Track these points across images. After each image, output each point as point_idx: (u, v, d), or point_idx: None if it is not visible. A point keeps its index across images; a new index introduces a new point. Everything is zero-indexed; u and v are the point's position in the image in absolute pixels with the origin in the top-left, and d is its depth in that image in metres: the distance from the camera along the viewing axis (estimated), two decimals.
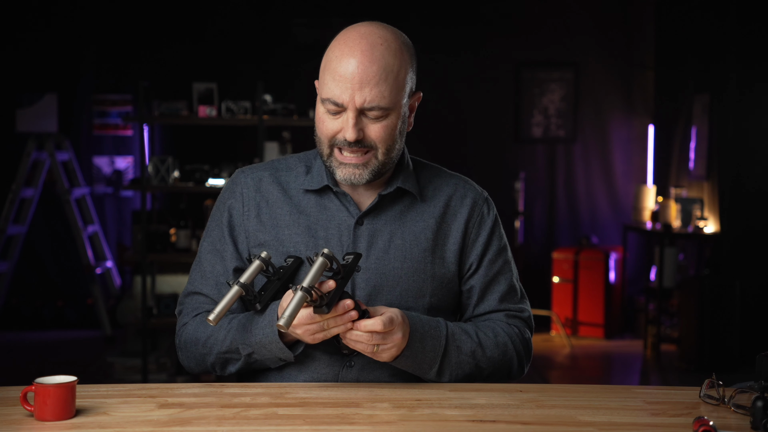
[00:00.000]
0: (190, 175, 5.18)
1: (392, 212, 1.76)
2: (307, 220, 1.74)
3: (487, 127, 6.91)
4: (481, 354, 1.71)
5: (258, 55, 6.69)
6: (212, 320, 1.55)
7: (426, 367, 1.66)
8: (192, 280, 1.80)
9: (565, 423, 1.46)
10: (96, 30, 6.66)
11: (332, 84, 1.64)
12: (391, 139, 1.68)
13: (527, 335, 1.82)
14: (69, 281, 6.76)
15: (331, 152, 1.69)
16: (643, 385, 2.24)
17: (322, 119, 1.69)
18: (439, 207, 1.78)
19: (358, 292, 1.72)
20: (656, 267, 6.01)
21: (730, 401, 1.54)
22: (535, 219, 7.02)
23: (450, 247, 1.77)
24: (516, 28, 6.89)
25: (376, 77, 1.62)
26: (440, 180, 1.81)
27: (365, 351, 1.60)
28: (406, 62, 1.67)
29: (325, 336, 1.59)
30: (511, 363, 1.76)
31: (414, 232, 1.75)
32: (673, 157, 6.58)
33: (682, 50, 6.38)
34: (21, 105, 6.66)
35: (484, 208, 1.82)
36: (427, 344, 1.65)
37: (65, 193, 6.28)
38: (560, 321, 6.41)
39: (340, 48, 1.66)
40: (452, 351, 1.68)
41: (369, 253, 1.72)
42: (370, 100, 1.62)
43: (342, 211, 1.74)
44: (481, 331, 1.74)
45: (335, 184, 1.74)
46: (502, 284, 1.81)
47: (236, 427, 1.42)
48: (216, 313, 1.55)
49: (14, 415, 1.47)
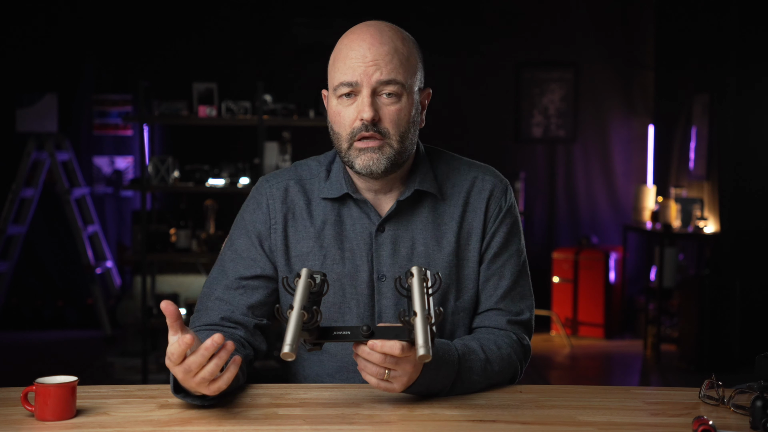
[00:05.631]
0: (190, 175, 5.18)
1: (413, 216, 1.73)
2: (332, 231, 1.72)
3: (487, 127, 6.91)
4: (490, 369, 1.65)
5: (258, 55, 6.69)
6: (289, 352, 1.35)
7: (437, 391, 1.58)
8: (212, 285, 1.73)
9: (565, 423, 1.46)
10: (96, 30, 6.67)
11: (344, 67, 1.64)
12: (405, 125, 1.66)
13: (526, 342, 1.77)
14: (69, 281, 6.76)
15: (350, 146, 1.66)
16: (642, 386, 2.24)
17: (337, 111, 1.66)
18: (459, 206, 1.75)
19: (384, 302, 1.70)
20: (656, 267, 6.01)
21: (730, 401, 1.54)
22: (535, 219, 7.02)
23: (473, 246, 1.75)
24: (516, 28, 6.90)
25: (389, 55, 1.63)
26: (458, 174, 1.78)
27: (374, 374, 1.47)
28: (414, 52, 1.69)
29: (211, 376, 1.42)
30: (514, 373, 1.73)
31: (436, 237, 1.73)
32: (673, 157, 6.58)
33: (682, 50, 6.38)
34: (21, 105, 6.66)
35: (502, 199, 1.78)
36: (441, 371, 1.56)
37: (65, 193, 6.28)
38: (560, 321, 6.41)
39: (348, 38, 1.67)
40: (464, 373, 1.60)
41: (393, 261, 1.71)
42: (387, 73, 1.62)
43: (363, 219, 1.72)
44: (486, 345, 1.67)
45: (355, 191, 1.72)
46: (506, 279, 1.76)
47: (236, 427, 1.42)
48: (290, 344, 1.36)
49: (15, 415, 1.47)
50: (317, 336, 1.47)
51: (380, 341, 1.43)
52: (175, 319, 1.42)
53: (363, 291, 1.71)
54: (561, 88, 6.99)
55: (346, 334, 1.46)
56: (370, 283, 1.71)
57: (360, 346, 1.46)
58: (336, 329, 1.47)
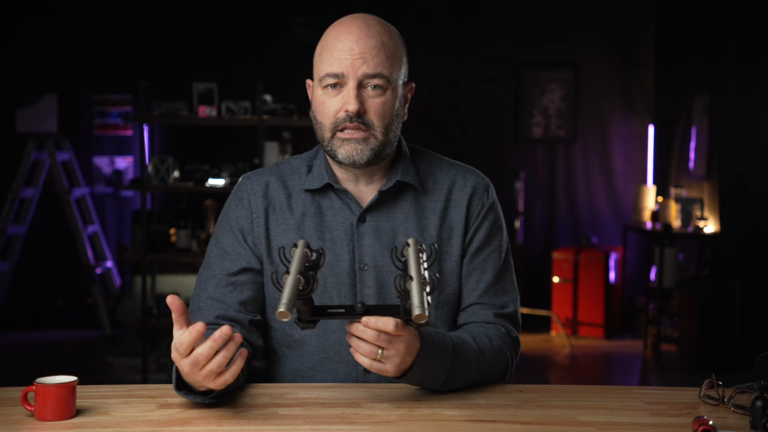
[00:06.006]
0: (190, 175, 5.18)
1: (395, 208, 1.74)
2: (312, 222, 1.73)
3: (487, 127, 6.91)
4: (483, 360, 1.65)
5: (258, 55, 6.69)
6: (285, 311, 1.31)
7: (432, 381, 1.57)
8: (202, 286, 1.73)
9: (565, 423, 1.46)
10: (96, 30, 6.67)
11: (331, 58, 1.65)
12: (389, 117, 1.68)
13: (514, 334, 1.76)
14: (69, 281, 6.76)
15: (333, 135, 1.68)
16: (642, 386, 2.24)
17: (322, 101, 1.69)
18: (441, 201, 1.76)
19: (366, 291, 1.70)
20: (656, 267, 6.01)
21: (730, 401, 1.54)
22: (535, 219, 7.02)
23: (455, 241, 1.75)
24: (516, 28, 6.90)
25: (376, 49, 1.65)
26: (440, 171, 1.79)
27: (367, 354, 1.45)
28: (400, 47, 1.71)
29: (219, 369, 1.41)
30: (506, 366, 1.72)
31: (419, 229, 1.73)
32: (673, 157, 6.58)
33: (682, 50, 6.38)
34: (21, 105, 6.66)
35: (484, 196, 1.79)
36: (437, 359, 1.55)
37: (65, 193, 6.28)
38: (560, 321, 6.41)
39: (336, 29, 1.68)
40: (459, 363, 1.59)
41: (375, 251, 1.71)
42: (373, 67, 1.64)
43: (344, 210, 1.73)
44: (477, 337, 1.67)
45: (336, 182, 1.73)
46: (489, 273, 1.76)
47: (236, 427, 1.42)
48: (285, 303, 1.32)
49: (14, 415, 1.47)
50: (311, 313, 1.45)
51: (374, 318, 1.42)
52: (181, 313, 1.42)
53: (344, 280, 1.71)
54: (561, 88, 6.99)
55: (341, 311, 1.45)
56: (351, 272, 1.71)
57: (353, 325, 1.44)
58: (330, 307, 1.46)
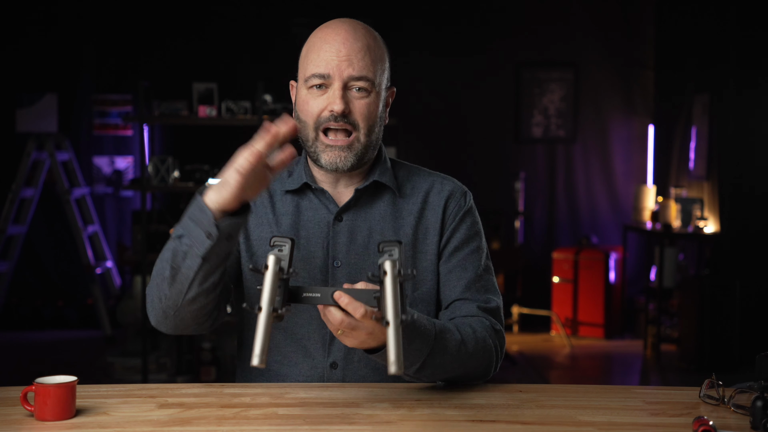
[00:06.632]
0: (190, 175, 5.18)
1: (372, 209, 1.76)
2: (288, 221, 1.75)
3: (487, 127, 6.92)
4: (465, 351, 1.63)
5: (258, 56, 6.69)
6: (258, 364, 1.33)
7: (405, 365, 1.53)
8: None
9: (565, 423, 1.46)
10: (96, 30, 6.67)
11: (318, 59, 1.67)
12: (373, 119, 1.70)
13: (498, 327, 1.74)
14: (69, 281, 6.76)
15: (317, 136, 1.69)
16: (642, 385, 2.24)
17: (306, 101, 1.69)
18: (418, 203, 1.78)
19: (338, 287, 1.70)
20: (656, 267, 6.01)
21: (730, 401, 1.54)
22: (535, 219, 7.02)
23: (430, 240, 1.77)
24: (516, 28, 6.90)
25: (362, 51, 1.67)
26: (418, 178, 1.81)
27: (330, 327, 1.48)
28: (384, 51, 1.74)
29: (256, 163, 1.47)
30: (490, 358, 1.69)
31: (394, 228, 1.75)
32: (673, 157, 6.58)
33: (682, 50, 6.38)
34: (21, 105, 6.66)
35: (462, 200, 1.80)
36: (414, 344, 1.53)
37: (65, 193, 6.28)
38: (560, 321, 6.41)
39: (323, 32, 1.70)
40: (438, 350, 1.58)
41: (349, 249, 1.73)
42: (359, 69, 1.66)
43: (322, 209, 1.75)
44: (461, 327, 1.66)
45: (314, 182, 1.75)
46: (470, 271, 1.76)
47: (236, 427, 1.42)
48: (258, 355, 1.33)
49: (14, 415, 1.47)
50: (288, 298, 1.44)
51: (347, 297, 1.43)
52: (277, 138, 1.48)
53: (316, 276, 1.72)
54: (561, 88, 6.99)
55: (316, 296, 1.46)
56: (324, 268, 1.73)
57: (326, 309, 1.45)
58: (306, 290, 1.46)
